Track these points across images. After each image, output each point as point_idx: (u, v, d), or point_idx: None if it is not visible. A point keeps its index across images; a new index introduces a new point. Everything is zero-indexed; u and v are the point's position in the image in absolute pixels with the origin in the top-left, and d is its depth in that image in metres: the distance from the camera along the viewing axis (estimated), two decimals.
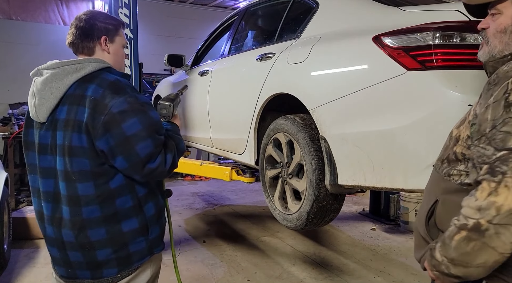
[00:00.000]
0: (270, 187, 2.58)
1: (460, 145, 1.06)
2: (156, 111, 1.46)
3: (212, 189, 6.52)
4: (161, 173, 1.40)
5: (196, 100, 3.68)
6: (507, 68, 0.96)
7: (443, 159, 1.13)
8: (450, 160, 1.10)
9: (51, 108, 1.35)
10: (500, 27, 1.06)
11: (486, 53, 1.10)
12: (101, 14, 1.51)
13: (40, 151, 1.39)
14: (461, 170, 1.07)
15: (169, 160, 1.41)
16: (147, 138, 1.32)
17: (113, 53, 1.51)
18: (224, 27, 3.82)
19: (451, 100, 1.57)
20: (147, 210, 1.43)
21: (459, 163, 1.07)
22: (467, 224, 0.94)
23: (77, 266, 1.38)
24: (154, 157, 1.35)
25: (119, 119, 1.29)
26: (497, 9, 1.07)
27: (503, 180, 0.90)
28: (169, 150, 1.43)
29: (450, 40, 1.66)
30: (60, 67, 1.37)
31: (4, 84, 6.71)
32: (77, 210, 1.33)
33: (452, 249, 0.98)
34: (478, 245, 0.93)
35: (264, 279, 3.14)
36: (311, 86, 2.15)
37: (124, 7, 4.75)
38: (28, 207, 4.46)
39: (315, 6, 2.42)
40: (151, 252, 1.46)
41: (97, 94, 1.31)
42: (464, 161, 1.06)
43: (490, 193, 0.91)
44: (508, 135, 0.91)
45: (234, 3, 8.50)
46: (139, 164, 1.32)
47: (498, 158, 0.92)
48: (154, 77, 7.97)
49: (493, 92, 0.95)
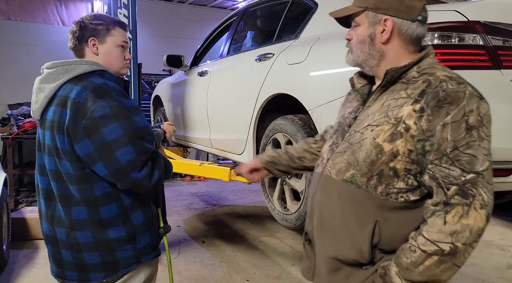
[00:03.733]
0: (269, 188, 2.59)
1: (401, 161, 1.02)
2: (142, 117, 1.37)
3: (211, 190, 6.52)
4: (144, 186, 1.34)
5: (195, 100, 3.68)
6: (453, 87, 0.99)
7: (371, 176, 1.05)
8: (385, 176, 1.04)
9: (43, 107, 1.37)
10: (359, 38, 1.14)
11: (351, 60, 1.18)
12: (94, 16, 1.47)
13: (38, 148, 1.42)
14: (401, 188, 1.03)
15: (155, 177, 1.35)
16: (128, 144, 1.27)
17: (104, 54, 1.45)
18: (223, 28, 3.83)
19: None
20: (135, 219, 1.39)
21: (396, 180, 1.03)
22: (443, 250, 0.95)
23: (67, 266, 1.38)
24: (137, 165, 1.29)
25: (100, 124, 1.25)
26: (356, 22, 1.16)
27: (473, 202, 0.94)
28: (157, 167, 1.37)
29: (449, 40, 1.67)
30: (54, 67, 1.38)
31: (3, 85, 6.70)
32: (67, 210, 1.34)
33: (416, 273, 0.98)
34: (448, 266, 0.96)
35: (263, 279, 3.14)
36: (310, 87, 2.15)
37: (123, 7, 4.75)
38: (27, 207, 4.45)
39: (314, 6, 2.43)
40: (138, 260, 1.42)
41: (80, 97, 1.28)
42: (406, 177, 1.03)
43: (461, 216, 0.94)
44: (474, 158, 0.95)
45: (233, 3, 8.50)
46: (119, 171, 1.28)
47: (468, 181, 0.95)
48: (153, 77, 7.97)
49: (449, 111, 0.97)
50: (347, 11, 1.17)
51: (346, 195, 1.10)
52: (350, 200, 1.10)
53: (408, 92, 1.05)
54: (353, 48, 1.17)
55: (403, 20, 1.09)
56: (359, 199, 1.08)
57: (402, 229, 1.04)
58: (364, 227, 1.07)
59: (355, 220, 1.08)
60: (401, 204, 1.04)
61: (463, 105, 0.97)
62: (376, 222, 1.05)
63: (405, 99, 1.04)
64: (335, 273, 1.13)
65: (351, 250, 1.09)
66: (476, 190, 0.95)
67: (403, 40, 1.11)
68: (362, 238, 1.07)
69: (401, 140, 1.01)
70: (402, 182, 1.03)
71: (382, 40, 1.11)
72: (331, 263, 1.14)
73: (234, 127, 2.92)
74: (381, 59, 1.13)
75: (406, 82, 1.08)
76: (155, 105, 5.14)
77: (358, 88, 1.22)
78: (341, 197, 1.12)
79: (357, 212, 1.08)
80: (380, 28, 1.11)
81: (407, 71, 1.09)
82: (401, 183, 1.03)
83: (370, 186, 1.06)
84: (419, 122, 0.99)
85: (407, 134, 1.01)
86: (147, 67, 7.29)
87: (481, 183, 0.95)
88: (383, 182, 1.05)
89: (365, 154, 1.07)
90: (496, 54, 1.66)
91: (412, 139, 1.00)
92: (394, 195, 1.04)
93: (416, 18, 1.10)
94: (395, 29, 1.10)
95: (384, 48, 1.12)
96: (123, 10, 4.77)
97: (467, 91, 0.99)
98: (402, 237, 1.04)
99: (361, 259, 1.09)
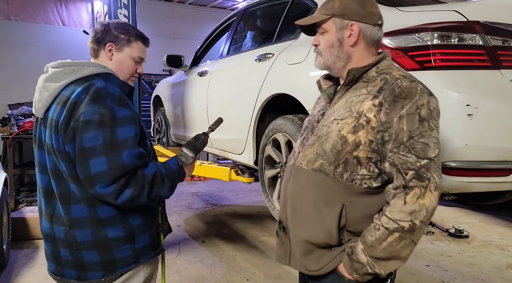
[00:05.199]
0: (269, 187, 2.59)
1: (363, 150, 1.13)
2: (131, 128, 1.31)
3: (211, 189, 6.52)
4: (111, 202, 1.29)
5: (195, 100, 3.68)
6: (407, 84, 1.11)
7: (337, 164, 1.16)
8: (349, 164, 1.15)
9: (46, 106, 1.37)
10: (329, 43, 1.24)
11: (322, 63, 1.28)
12: (120, 24, 1.49)
13: (39, 146, 1.42)
14: (364, 174, 1.14)
15: (125, 196, 1.27)
16: (102, 155, 1.24)
17: (117, 61, 1.46)
18: (223, 28, 3.83)
19: (449, 100, 1.58)
20: (133, 219, 1.39)
21: (359, 167, 1.14)
22: (404, 227, 1.07)
23: (65, 264, 1.38)
24: (106, 179, 1.24)
25: (83, 129, 1.25)
26: (323, 28, 1.25)
27: (428, 185, 1.07)
28: (133, 184, 1.27)
29: (448, 40, 1.67)
30: (60, 67, 1.38)
31: (3, 85, 6.71)
32: (66, 208, 1.34)
33: (380, 249, 1.09)
34: (407, 243, 1.09)
35: (263, 278, 3.14)
36: (309, 87, 2.15)
37: (123, 7, 4.75)
38: (27, 207, 4.45)
39: (313, 6, 2.43)
40: (137, 260, 1.41)
41: (78, 99, 1.29)
42: (368, 165, 1.14)
43: (419, 197, 1.06)
44: (427, 146, 1.08)
45: (233, 3, 8.51)
46: (88, 180, 1.26)
47: (423, 166, 1.07)
48: (154, 77, 7.98)
49: (404, 105, 1.08)
50: (314, 19, 1.27)
51: (316, 183, 1.21)
52: (319, 187, 1.20)
53: (368, 89, 1.16)
54: (323, 52, 1.27)
55: (367, 25, 1.21)
56: (327, 186, 1.19)
57: (366, 211, 1.16)
58: (332, 210, 1.17)
59: (324, 205, 1.19)
60: (365, 190, 1.16)
61: (415, 100, 1.09)
62: (343, 205, 1.16)
63: (366, 95, 1.15)
64: (308, 255, 1.23)
65: (321, 232, 1.19)
66: (430, 173, 1.07)
67: (367, 43, 1.23)
68: (330, 220, 1.17)
69: (363, 131, 1.12)
70: (365, 169, 1.14)
71: (350, 43, 1.22)
72: (304, 246, 1.24)
73: (234, 127, 2.92)
74: (348, 60, 1.24)
75: (366, 81, 1.19)
76: (155, 105, 5.15)
77: (325, 88, 1.34)
78: (311, 184, 1.22)
79: (326, 197, 1.19)
80: (347, 33, 1.22)
81: (367, 71, 1.20)
82: (363, 170, 1.15)
83: (337, 174, 1.17)
84: (378, 115, 1.10)
85: (368, 126, 1.12)
86: (147, 67, 7.26)
87: (433, 168, 1.08)
88: (348, 170, 1.16)
89: (331, 145, 1.17)
90: (496, 54, 1.66)
91: (372, 130, 1.11)
92: (359, 181, 1.15)
93: (377, 23, 1.23)
94: (361, 33, 1.21)
95: (351, 50, 1.23)
96: (123, 10, 4.77)
97: (419, 87, 1.11)
98: (366, 218, 1.15)
99: (330, 240, 1.19)
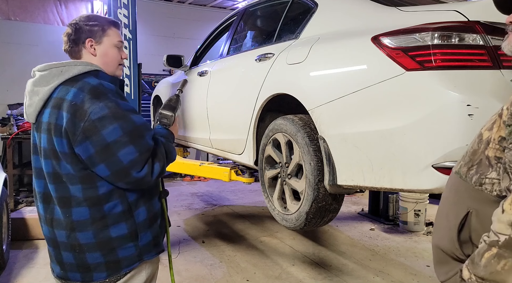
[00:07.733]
0: (269, 188, 2.58)
1: (492, 148, 0.95)
2: (139, 115, 1.38)
3: (211, 190, 6.52)
4: (147, 183, 1.35)
5: (195, 100, 3.68)
6: None
7: (471, 165, 1.01)
8: (482, 165, 0.98)
9: (38, 110, 1.36)
10: None
11: None
12: (87, 17, 1.47)
13: (34, 151, 1.41)
14: (493, 178, 0.96)
15: (156, 170, 1.36)
16: (129, 144, 1.28)
17: (101, 55, 1.46)
18: (223, 28, 3.82)
19: (450, 100, 1.58)
20: (138, 215, 1.40)
21: (490, 169, 0.96)
22: (499, 241, 0.85)
23: (69, 268, 1.38)
24: (139, 164, 1.30)
25: (99, 126, 1.25)
26: None
27: None
28: (157, 159, 1.38)
29: (449, 40, 1.66)
30: (48, 69, 1.37)
31: (3, 85, 6.71)
32: (67, 211, 1.34)
33: (481, 267, 0.88)
34: (510, 264, 0.84)
35: (263, 279, 3.14)
36: (310, 86, 2.15)
37: (123, 7, 4.75)
38: (27, 207, 4.45)
39: (314, 6, 2.43)
40: (140, 258, 1.42)
41: (77, 99, 1.28)
42: (497, 166, 0.95)
43: None
44: None
45: (233, 3, 8.50)
46: (122, 171, 1.29)
47: None
48: (153, 77, 7.97)
49: None
50: None
51: (453, 186, 1.08)
52: (453, 190, 1.07)
53: None
54: None
55: None
56: (458, 189, 1.04)
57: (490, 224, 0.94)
58: (456, 217, 1.01)
59: (451, 209, 1.05)
60: (495, 198, 0.95)
61: None
62: (467, 213, 0.99)
63: None
64: (438, 263, 1.09)
65: (447, 239, 1.04)
66: None
67: None
68: (454, 227, 1.02)
69: (495, 126, 0.96)
70: (495, 171, 0.95)
71: None
72: (436, 252, 1.11)
73: (234, 127, 2.92)
74: None
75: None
76: (155, 105, 5.14)
77: None
78: (449, 187, 1.10)
79: (454, 201, 1.05)
80: None
81: None
82: (493, 173, 0.95)
83: (469, 176, 1.01)
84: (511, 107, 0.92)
85: (500, 120, 0.94)
86: (147, 67, 7.29)
87: None
88: (479, 172, 0.98)
89: (471, 144, 1.03)
90: (496, 54, 1.66)
91: (503, 124, 0.93)
92: (489, 187, 0.96)
93: None
94: None
95: None
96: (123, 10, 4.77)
97: None
98: None
99: (454, 250, 1.03)
